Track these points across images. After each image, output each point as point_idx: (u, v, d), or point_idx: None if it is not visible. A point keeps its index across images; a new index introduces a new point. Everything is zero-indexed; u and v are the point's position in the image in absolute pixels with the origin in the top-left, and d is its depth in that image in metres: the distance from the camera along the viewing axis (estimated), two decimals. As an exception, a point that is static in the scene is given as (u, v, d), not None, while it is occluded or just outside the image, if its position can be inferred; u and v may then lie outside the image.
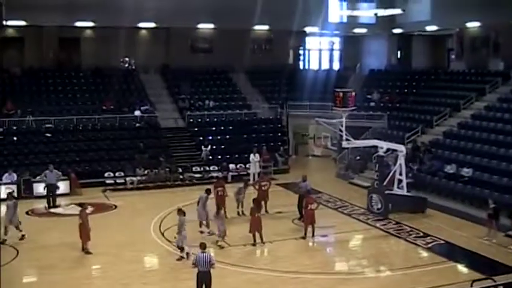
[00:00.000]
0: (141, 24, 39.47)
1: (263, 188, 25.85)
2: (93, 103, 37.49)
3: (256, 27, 41.92)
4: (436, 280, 17.92)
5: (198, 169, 32.99)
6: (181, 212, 19.74)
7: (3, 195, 27.70)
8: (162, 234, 22.60)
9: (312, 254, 21.19)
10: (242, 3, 37.11)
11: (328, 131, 28.64)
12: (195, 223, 22.79)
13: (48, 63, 39.60)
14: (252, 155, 32.43)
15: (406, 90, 41.19)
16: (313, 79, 41.88)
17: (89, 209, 24.64)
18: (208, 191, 23.00)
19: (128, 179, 31.01)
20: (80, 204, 21.37)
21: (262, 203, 24.68)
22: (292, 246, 21.53)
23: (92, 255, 20.13)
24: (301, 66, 49.43)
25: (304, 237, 22.15)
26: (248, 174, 32.19)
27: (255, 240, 21.32)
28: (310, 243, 22.05)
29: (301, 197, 24.64)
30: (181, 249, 19.58)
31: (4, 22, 33.72)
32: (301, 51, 49.53)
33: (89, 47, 41.04)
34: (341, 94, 27.50)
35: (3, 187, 28.38)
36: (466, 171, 27.71)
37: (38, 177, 28.90)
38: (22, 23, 35.85)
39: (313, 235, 22.26)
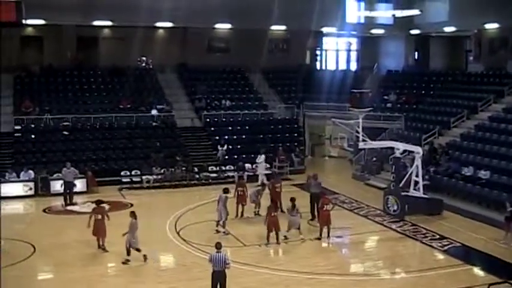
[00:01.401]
0: (158, 24, 39.55)
1: (276, 189, 25.85)
2: (110, 102, 37.69)
3: (273, 27, 41.86)
4: (452, 283, 17.83)
5: (214, 169, 33.09)
6: (133, 214, 19.54)
7: (21, 193, 28.28)
8: (178, 234, 22.67)
9: (328, 255, 21.15)
10: (259, 3, 37.08)
11: (344, 132, 28.61)
12: (212, 223, 22.89)
13: (67, 62, 39.92)
14: (258, 156, 32.41)
15: (423, 92, 40.98)
16: (330, 79, 41.79)
17: (106, 206, 24.98)
18: (226, 191, 22.99)
19: (144, 177, 31.15)
20: (96, 202, 21.39)
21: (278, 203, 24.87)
22: (307, 246, 21.49)
23: (107, 253, 20.23)
24: (318, 67, 49.39)
25: (319, 238, 22.09)
26: (264, 175, 32.33)
27: (268, 240, 21.34)
28: (326, 244, 21.99)
29: (312, 197, 24.70)
30: (137, 250, 19.28)
31: (24, 21, 33.92)
32: (318, 52, 49.47)
33: (107, 46, 41.34)
34: (358, 95, 27.44)
35: (20, 184, 28.76)
36: (483, 174, 27.54)
37: (55, 175, 29.21)
38: (41, 22, 36.09)
39: (328, 236, 22.20)
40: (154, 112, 36.67)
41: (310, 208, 24.64)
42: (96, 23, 38.08)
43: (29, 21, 34.97)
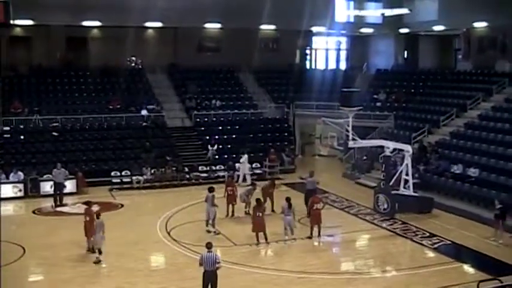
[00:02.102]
0: (149, 24, 39.50)
1: (269, 190, 25.84)
2: (100, 102, 37.56)
3: (263, 26, 41.92)
4: (442, 280, 17.90)
5: (205, 168, 33.06)
6: (98, 214, 19.85)
7: (11, 194, 28.14)
8: (169, 234, 22.65)
9: (318, 254, 21.15)
10: (249, 3, 37.10)
11: (334, 131, 28.62)
12: (203, 223, 22.88)
13: (56, 63, 39.72)
14: (241, 156, 32.32)
15: (412, 90, 41.09)
16: (320, 79, 41.85)
17: (95, 208, 25.01)
18: (211, 189, 23.02)
19: (134, 178, 31.07)
20: (86, 203, 21.39)
21: (269, 203, 24.89)
22: (298, 245, 21.50)
23: (97, 254, 20.18)
24: (308, 66, 49.42)
25: (310, 237, 22.13)
26: (255, 174, 32.42)
27: (257, 240, 21.37)
28: (316, 243, 22.01)
29: (308, 194, 24.88)
30: (98, 251, 19.42)
31: (12, 21, 33.73)
32: (308, 51, 49.50)
33: (96, 47, 41.14)
34: (347, 94, 27.52)
35: (10, 186, 28.60)
36: (473, 172, 27.68)
37: (45, 176, 29.08)
38: (30, 22, 35.95)
39: (319, 235, 22.25)
40: (144, 112, 36.57)
41: (305, 205, 24.73)
42: (86, 23, 37.97)
43: (17, 22, 34.84)
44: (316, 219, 22.22)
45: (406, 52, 47.59)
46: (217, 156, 34.39)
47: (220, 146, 35.26)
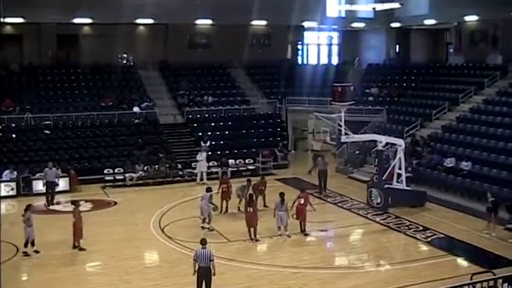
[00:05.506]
0: (140, 21, 39.38)
1: (259, 187, 25.77)
2: (91, 100, 37.44)
3: (255, 22, 41.87)
4: (435, 274, 17.95)
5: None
6: (29, 206, 20.54)
7: (3, 193, 27.99)
8: (162, 231, 22.63)
9: (312, 249, 21.16)
10: (240, -1, 37.08)
11: (327, 126, 28.66)
12: (196, 219, 22.87)
13: (47, 60, 39.50)
14: (199, 154, 31.97)
15: (404, 85, 41.16)
16: (312, 74, 41.85)
17: (89, 206, 25.04)
18: (209, 189, 23.04)
19: (127, 175, 30.99)
20: (72, 202, 21.37)
21: (261, 198, 24.88)
22: (291, 241, 21.52)
23: (92, 252, 20.14)
24: (299, 61, 49.34)
25: (303, 232, 22.12)
26: (248, 170, 32.40)
27: (250, 236, 21.39)
28: (310, 238, 21.94)
29: (320, 174, 28.41)
30: (32, 243, 19.88)
31: (2, 19, 33.64)
32: (299, 46, 49.46)
33: (88, 44, 40.98)
34: (340, 89, 27.52)
35: (2, 185, 28.46)
36: (465, 165, 27.75)
37: (37, 175, 28.92)
38: (20, 20, 35.78)
39: (301, 230, 22.13)
40: (136, 109, 36.47)
41: (319, 183, 28.45)
42: (76, 20, 37.81)
43: (8, 20, 34.67)
44: (297, 215, 22.18)
45: (397, 46, 47.61)
46: (210, 153, 34.31)
47: (213, 142, 35.22)
